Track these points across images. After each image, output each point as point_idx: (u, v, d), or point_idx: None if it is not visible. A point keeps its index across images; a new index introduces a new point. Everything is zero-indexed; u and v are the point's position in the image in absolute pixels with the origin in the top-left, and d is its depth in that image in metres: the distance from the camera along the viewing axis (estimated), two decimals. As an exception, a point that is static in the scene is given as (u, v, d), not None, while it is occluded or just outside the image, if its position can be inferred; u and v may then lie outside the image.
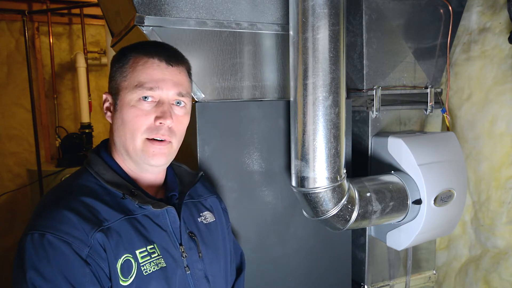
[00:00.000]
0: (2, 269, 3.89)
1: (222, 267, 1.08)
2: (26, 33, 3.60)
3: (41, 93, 4.21)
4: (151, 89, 0.91)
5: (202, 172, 1.12)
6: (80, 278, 0.80)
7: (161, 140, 0.93)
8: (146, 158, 0.93)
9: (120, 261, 0.85)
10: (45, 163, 3.95)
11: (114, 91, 0.96)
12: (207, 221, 1.09)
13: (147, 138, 0.92)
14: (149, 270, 0.88)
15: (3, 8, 3.95)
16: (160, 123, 0.92)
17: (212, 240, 1.07)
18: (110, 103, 0.98)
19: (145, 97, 0.92)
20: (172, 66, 0.95)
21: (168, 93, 0.94)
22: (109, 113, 0.98)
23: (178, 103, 0.96)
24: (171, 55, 0.97)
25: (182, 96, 0.96)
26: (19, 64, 4.07)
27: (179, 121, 0.97)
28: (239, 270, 1.22)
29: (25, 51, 3.56)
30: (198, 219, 1.07)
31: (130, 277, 0.86)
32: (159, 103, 0.93)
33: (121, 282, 0.85)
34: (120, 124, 0.94)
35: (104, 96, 0.99)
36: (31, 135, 3.85)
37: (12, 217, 4.15)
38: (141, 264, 0.88)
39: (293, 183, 1.35)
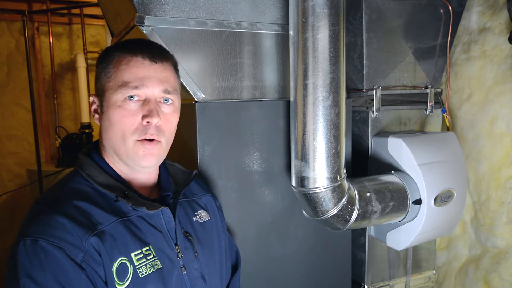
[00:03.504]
0: (2, 269, 3.89)
1: (217, 266, 1.08)
2: (26, 33, 3.59)
3: (41, 93, 4.22)
4: (136, 87, 0.89)
5: (196, 171, 1.10)
6: (75, 284, 0.79)
7: (151, 140, 0.92)
8: (137, 159, 0.92)
9: (115, 265, 0.85)
10: (45, 163, 3.95)
11: (100, 93, 0.94)
12: (202, 220, 1.08)
13: (137, 140, 0.91)
14: (145, 272, 0.88)
15: (3, 8, 3.95)
16: (148, 122, 0.90)
17: (208, 239, 1.07)
18: (97, 105, 0.96)
19: (131, 97, 0.90)
20: (156, 63, 0.93)
21: (153, 91, 0.91)
22: (96, 116, 0.97)
23: (165, 100, 0.94)
24: (155, 52, 0.94)
25: (169, 93, 0.94)
26: (19, 64, 4.07)
27: (167, 119, 0.95)
28: (235, 268, 1.21)
29: (25, 51, 3.56)
30: (193, 218, 1.06)
31: (126, 280, 0.85)
32: (145, 102, 0.91)
33: (117, 286, 0.84)
34: (108, 126, 0.92)
35: (91, 98, 0.97)
36: (31, 135, 3.85)
37: (12, 217, 4.15)
38: (136, 267, 0.87)
39: (293, 183, 1.35)
